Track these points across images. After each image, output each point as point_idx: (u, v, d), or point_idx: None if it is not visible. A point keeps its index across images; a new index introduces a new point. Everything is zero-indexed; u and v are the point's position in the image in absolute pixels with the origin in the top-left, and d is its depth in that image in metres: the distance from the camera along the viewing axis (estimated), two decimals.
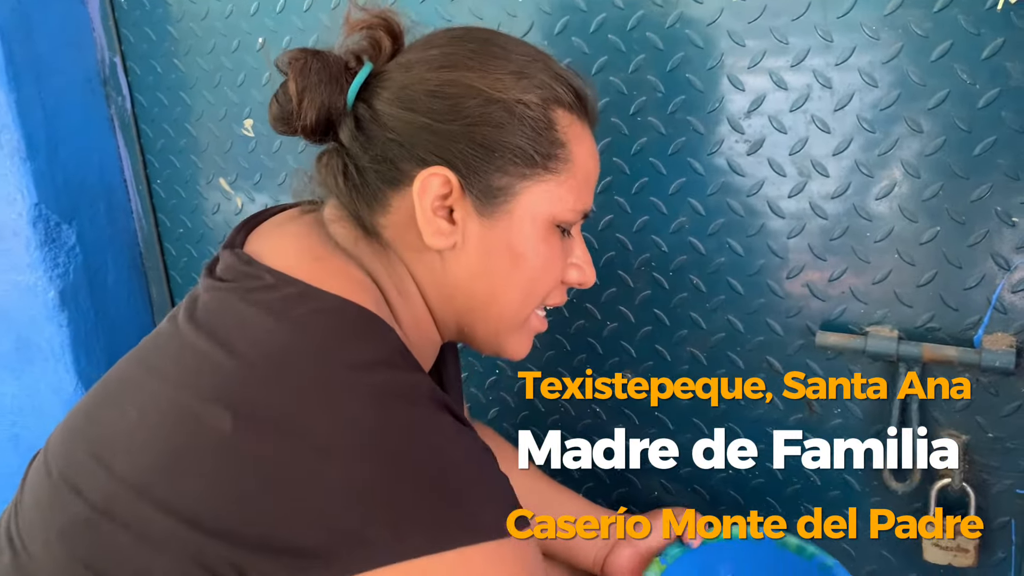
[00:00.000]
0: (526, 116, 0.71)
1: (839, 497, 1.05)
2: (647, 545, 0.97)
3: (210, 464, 0.58)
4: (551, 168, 0.73)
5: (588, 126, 0.78)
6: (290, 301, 0.64)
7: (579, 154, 0.75)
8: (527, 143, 0.71)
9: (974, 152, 0.87)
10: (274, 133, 1.30)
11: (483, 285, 0.74)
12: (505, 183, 0.71)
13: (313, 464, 0.56)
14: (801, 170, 0.96)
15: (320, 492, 0.56)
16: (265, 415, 0.58)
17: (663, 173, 1.03)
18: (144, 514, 0.59)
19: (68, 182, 1.38)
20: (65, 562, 0.63)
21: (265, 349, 0.61)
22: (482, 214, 0.72)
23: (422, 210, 0.70)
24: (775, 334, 1.03)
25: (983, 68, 0.85)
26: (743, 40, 0.95)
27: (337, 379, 0.59)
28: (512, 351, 0.81)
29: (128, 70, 1.43)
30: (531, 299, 0.76)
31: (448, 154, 0.70)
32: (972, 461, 0.96)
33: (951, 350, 0.91)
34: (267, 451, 0.57)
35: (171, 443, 0.60)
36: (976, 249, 0.90)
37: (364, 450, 0.57)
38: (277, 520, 0.56)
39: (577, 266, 0.80)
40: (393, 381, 0.61)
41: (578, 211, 0.76)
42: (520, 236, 0.72)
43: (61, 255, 1.38)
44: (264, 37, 1.27)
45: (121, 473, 0.61)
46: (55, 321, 1.39)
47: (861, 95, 0.91)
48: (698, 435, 1.12)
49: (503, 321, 0.77)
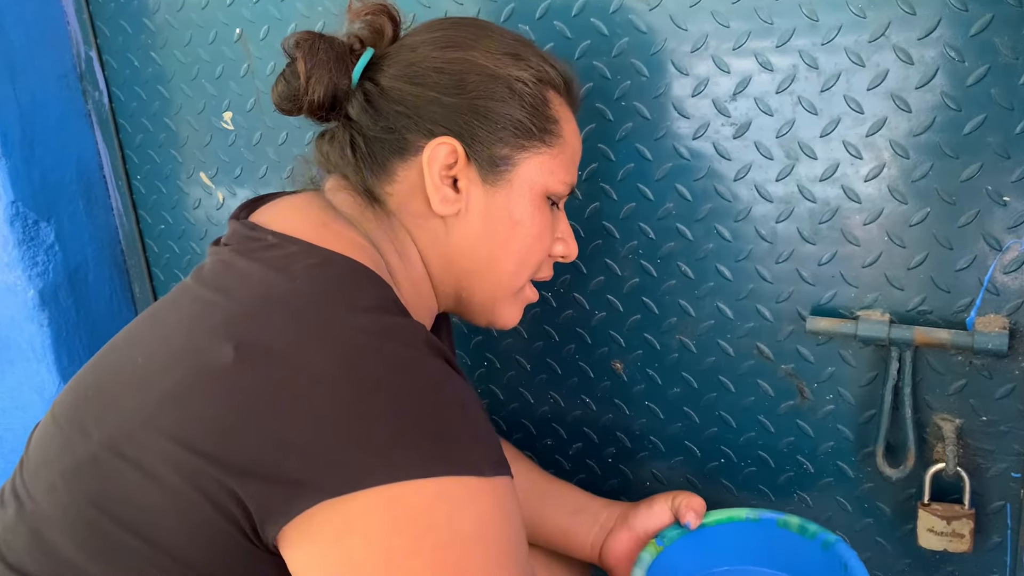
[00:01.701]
0: (524, 92, 0.79)
1: (832, 484, 1.04)
2: (644, 528, 0.97)
3: (211, 393, 0.61)
4: (547, 141, 0.81)
5: (572, 109, 0.86)
6: (291, 257, 0.68)
7: (567, 132, 0.83)
8: (525, 117, 0.78)
9: (964, 131, 0.86)
10: (254, 126, 1.29)
11: (483, 250, 0.80)
12: (506, 153, 0.78)
13: (306, 392, 0.59)
14: (788, 153, 0.94)
15: (312, 418, 0.58)
16: (264, 347, 0.61)
17: (649, 159, 1.02)
18: (149, 444, 0.62)
19: (45, 179, 1.36)
20: (70, 503, 0.65)
21: (266, 294, 0.65)
22: (485, 182, 0.78)
23: (431, 178, 0.76)
24: (765, 320, 1.01)
25: (972, 45, 0.83)
26: (727, 21, 0.93)
27: (334, 318, 0.62)
28: (505, 319, 0.87)
29: (104, 64, 1.41)
30: (525, 267, 0.83)
31: (454, 125, 0.77)
32: (966, 445, 0.95)
33: (943, 333, 0.90)
34: (264, 380, 0.60)
35: (175, 376, 0.63)
36: (967, 230, 0.89)
37: (356, 381, 0.59)
38: (271, 446, 0.58)
39: (562, 239, 0.88)
40: (389, 323, 0.64)
41: (567, 184, 0.84)
42: (519, 204, 0.80)
43: (40, 254, 1.36)
44: (241, 28, 1.25)
45: (128, 409, 0.64)
46: (36, 321, 1.37)
47: (848, 75, 0.89)
48: (689, 424, 1.11)
49: (500, 287, 0.83)
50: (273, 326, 0.62)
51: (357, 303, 0.65)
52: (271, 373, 0.60)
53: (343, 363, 0.60)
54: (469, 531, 0.59)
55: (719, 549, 0.97)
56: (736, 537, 0.96)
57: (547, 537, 1.02)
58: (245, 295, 0.66)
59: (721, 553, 0.97)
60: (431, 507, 0.58)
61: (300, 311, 0.63)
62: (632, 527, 0.97)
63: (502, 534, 0.61)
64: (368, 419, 0.58)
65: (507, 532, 0.62)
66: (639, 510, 0.97)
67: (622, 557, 0.97)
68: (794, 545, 0.93)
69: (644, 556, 0.91)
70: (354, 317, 0.63)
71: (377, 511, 0.57)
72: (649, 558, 0.90)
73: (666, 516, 0.96)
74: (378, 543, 0.57)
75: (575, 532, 1.00)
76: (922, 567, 1.02)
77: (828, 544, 0.90)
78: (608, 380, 1.15)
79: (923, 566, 1.02)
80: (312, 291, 0.65)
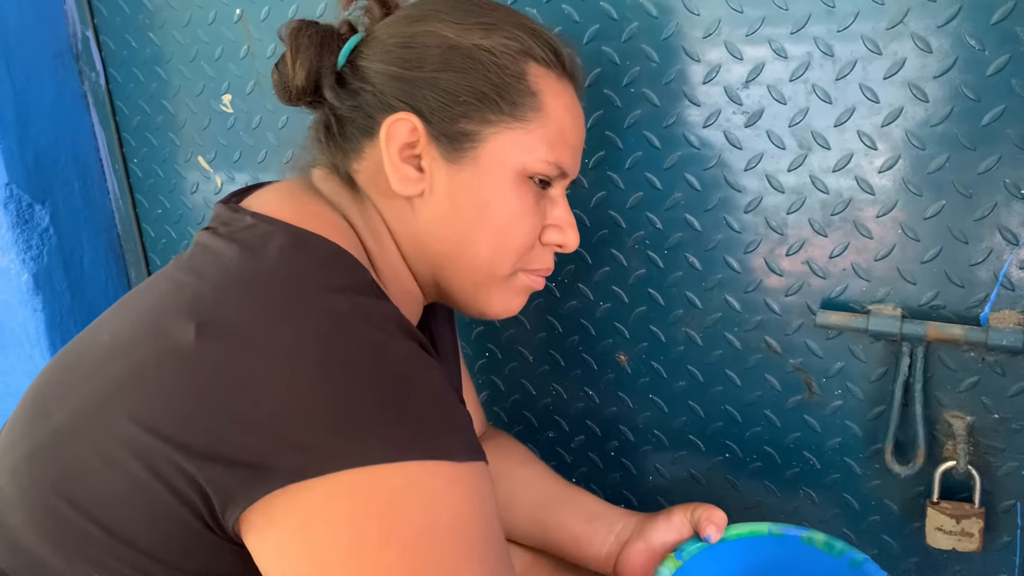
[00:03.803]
0: (491, 63, 0.73)
1: (839, 480, 1.02)
2: (661, 541, 0.92)
3: (173, 373, 0.58)
4: (519, 116, 0.74)
5: (568, 84, 0.80)
6: (266, 237, 0.66)
7: (553, 107, 0.76)
8: (490, 89, 0.73)
9: (982, 122, 0.84)
10: (253, 109, 1.26)
11: (452, 233, 0.75)
12: (471, 129, 0.73)
13: (270, 372, 0.56)
14: (801, 142, 0.92)
15: (275, 399, 0.55)
16: (227, 327, 0.59)
17: (657, 147, 1.00)
18: (108, 426, 0.60)
19: (40, 161, 1.33)
20: (30, 487, 0.63)
21: (236, 274, 0.63)
22: (449, 160, 0.74)
23: (388, 156, 0.73)
24: (774, 313, 1.00)
25: (992, 33, 0.81)
26: (741, 6, 0.91)
27: (303, 297, 0.60)
28: (494, 308, 0.81)
29: (101, 44, 1.38)
30: (503, 253, 0.77)
31: (414, 100, 0.73)
32: (977, 443, 0.94)
33: (956, 329, 0.88)
34: (226, 359, 0.57)
35: (139, 356, 0.61)
36: (983, 223, 0.87)
37: (322, 362, 0.57)
38: (232, 428, 0.56)
39: (557, 227, 0.81)
40: (360, 303, 0.62)
41: (550, 163, 0.76)
42: (487, 183, 0.74)
43: (34, 237, 1.33)
44: (241, 9, 1.22)
45: (90, 390, 0.62)
46: (29, 305, 1.35)
47: (864, 63, 0.87)
48: (694, 418, 1.09)
49: (477, 273, 0.77)
50: (238, 305, 0.60)
51: (328, 283, 0.62)
52: (233, 352, 0.58)
53: (309, 343, 0.57)
54: (444, 521, 0.56)
55: (740, 565, 0.91)
56: (757, 553, 0.91)
57: (559, 545, 0.98)
58: (215, 275, 0.64)
59: (742, 569, 0.92)
60: (402, 494, 0.55)
61: (267, 290, 0.61)
62: (649, 539, 0.92)
63: (479, 523, 0.59)
64: (334, 400, 0.56)
65: (484, 520, 0.59)
66: (657, 522, 0.93)
67: (638, 570, 0.92)
68: (819, 563, 0.88)
69: (663, 571, 0.86)
70: (323, 297, 0.61)
71: (343, 498, 0.55)
72: (668, 573, 0.86)
73: (685, 529, 0.92)
74: (345, 532, 0.55)
75: (589, 541, 0.96)
76: (930, 566, 1.01)
77: (856, 563, 0.84)
78: (612, 372, 1.13)
79: (931, 565, 1.01)
80: (283, 271, 0.63)
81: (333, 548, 0.54)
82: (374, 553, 0.54)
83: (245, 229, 0.69)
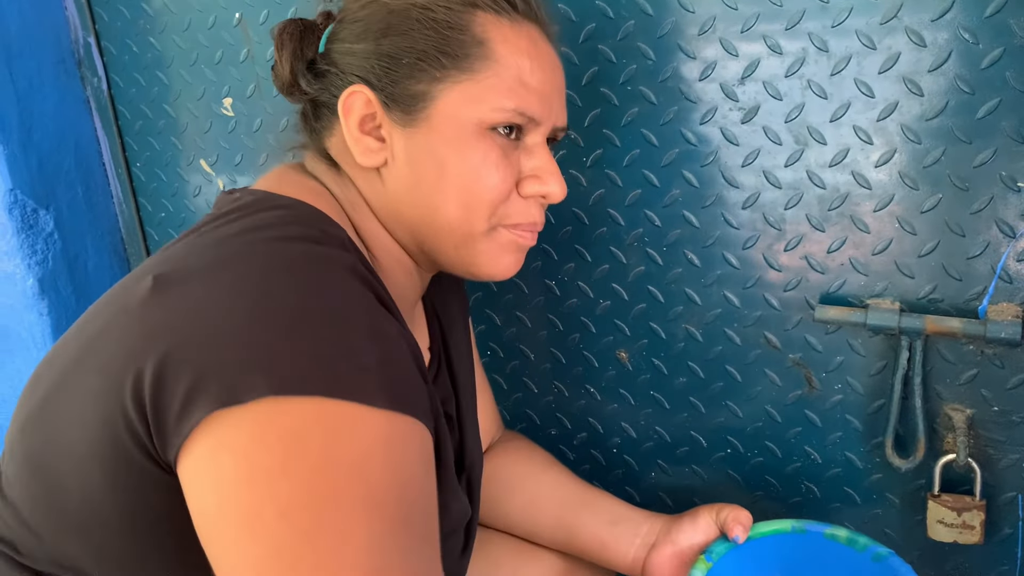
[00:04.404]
0: (427, 19, 0.72)
1: (840, 475, 1.03)
2: (688, 543, 0.92)
3: (127, 322, 0.60)
4: (466, 68, 0.73)
5: (528, 26, 0.77)
6: (248, 205, 0.69)
7: (504, 53, 0.73)
8: (431, 45, 0.72)
9: (977, 115, 0.84)
10: (254, 112, 1.27)
11: (419, 198, 0.74)
12: (421, 90, 0.73)
13: (206, 310, 0.57)
14: (797, 138, 0.92)
15: (207, 334, 0.56)
16: (180, 275, 0.60)
17: (655, 144, 1.00)
18: (78, 381, 0.61)
19: (44, 166, 1.34)
20: (22, 459, 0.64)
21: (205, 234, 0.65)
22: (404, 125, 0.73)
23: (348, 130, 0.74)
24: (773, 309, 1.00)
25: (986, 26, 0.81)
26: (735, 3, 0.91)
27: (254, 246, 0.62)
28: (483, 269, 0.79)
29: (103, 50, 1.39)
30: (474, 209, 0.74)
31: (364, 72, 0.74)
32: (977, 436, 0.94)
33: (955, 322, 0.88)
34: (171, 302, 0.59)
35: (108, 312, 0.63)
36: (980, 216, 0.87)
37: (256, 298, 0.57)
38: (171, 366, 0.55)
39: (535, 177, 0.78)
40: (310, 250, 0.62)
41: (507, 110, 0.73)
42: (442, 142, 0.73)
43: (39, 242, 1.34)
44: (241, 12, 1.23)
45: (71, 351, 0.64)
46: (35, 309, 1.36)
47: (859, 58, 0.87)
48: (695, 414, 1.09)
49: (453, 234, 0.76)
50: (195, 256, 0.62)
51: (284, 234, 0.63)
52: (178, 295, 0.59)
53: (242, 281, 0.58)
54: (346, 461, 0.54)
55: (766, 562, 0.92)
56: (782, 549, 0.92)
57: (584, 548, 0.98)
58: (187, 237, 0.67)
59: (768, 566, 0.92)
60: (306, 427, 0.54)
61: (226, 243, 0.63)
62: (676, 542, 0.93)
63: (387, 474, 0.55)
64: (254, 334, 0.55)
65: (394, 474, 0.56)
66: (683, 524, 0.93)
67: (668, 573, 0.92)
68: (842, 557, 0.89)
69: (695, 574, 0.87)
70: (273, 244, 0.62)
71: (248, 425, 0.54)
72: (700, 575, 0.87)
73: (712, 530, 0.92)
74: (245, 459, 0.53)
75: (614, 545, 0.96)
76: (932, 559, 1.01)
77: (879, 557, 0.85)
78: (613, 369, 1.14)
79: (933, 558, 1.01)
80: (246, 228, 0.64)
81: (231, 476, 0.53)
82: (266, 483, 0.53)
83: (231, 202, 0.71)
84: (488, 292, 1.19)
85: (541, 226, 0.81)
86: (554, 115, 0.78)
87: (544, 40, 0.78)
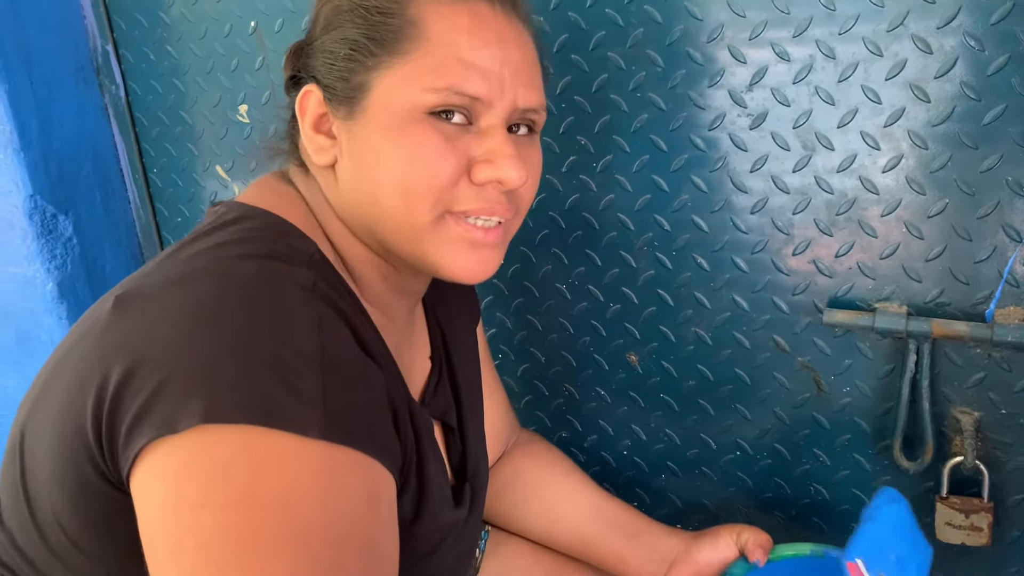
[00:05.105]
0: (357, 8, 0.70)
1: (849, 477, 1.03)
2: (708, 562, 0.93)
3: (88, 344, 0.60)
4: (396, 51, 0.68)
5: (478, 4, 0.70)
6: (222, 220, 0.68)
7: (438, 31, 0.68)
8: (359, 34, 0.69)
9: (984, 121, 0.85)
10: (269, 119, 1.29)
11: (363, 193, 0.71)
12: (360, 80, 0.70)
13: (155, 332, 0.56)
14: (805, 144, 0.93)
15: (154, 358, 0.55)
16: (138, 296, 0.60)
17: (664, 150, 1.01)
18: (45, 404, 0.61)
19: (63, 173, 1.36)
20: (11, 491, 0.64)
21: (175, 255, 0.64)
22: (346, 118, 0.71)
23: (303, 130, 0.73)
24: (781, 312, 1.01)
25: (992, 33, 0.82)
26: (743, 11, 0.92)
27: (208, 267, 0.61)
28: (446, 267, 0.72)
29: (121, 58, 1.41)
30: (414, 199, 0.69)
31: (312, 71, 0.73)
32: (985, 438, 0.94)
33: (962, 325, 0.89)
34: (126, 323, 0.58)
35: (76, 334, 0.63)
36: (986, 221, 0.88)
37: (198, 321, 0.56)
38: (125, 387, 0.55)
39: (487, 161, 0.70)
40: (267, 267, 0.61)
41: (440, 90, 0.67)
42: (377, 130, 0.69)
43: (58, 247, 1.37)
44: (256, 21, 1.25)
45: (41, 377, 0.64)
46: (54, 313, 1.38)
47: (866, 65, 0.88)
48: (704, 417, 1.10)
49: (400, 227, 0.70)
50: (156, 275, 0.61)
51: (247, 251, 0.62)
52: (133, 318, 0.58)
53: (192, 303, 0.57)
54: (270, 495, 0.51)
55: None
56: (800, 573, 0.93)
57: (600, 559, 0.98)
58: (164, 252, 0.67)
59: None
60: (235, 457, 0.52)
61: (187, 262, 0.62)
62: (696, 561, 0.93)
63: (318, 510, 0.52)
64: (201, 359, 0.54)
65: (327, 511, 0.53)
66: (703, 543, 0.94)
67: None
68: None
69: None
70: (231, 263, 0.61)
71: (180, 453, 0.52)
72: None
73: (731, 551, 0.93)
74: (174, 487, 0.52)
75: (632, 559, 0.97)
76: (940, 561, 1.01)
77: None
78: (623, 372, 1.15)
79: (941, 560, 1.01)
80: (212, 243, 0.64)
81: (159, 503, 0.53)
82: (189, 512, 0.51)
83: (211, 216, 0.71)
84: (499, 295, 1.21)
85: (506, 217, 0.74)
86: (509, 93, 0.70)
87: (496, 15, 0.71)
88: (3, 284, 1.39)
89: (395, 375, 0.71)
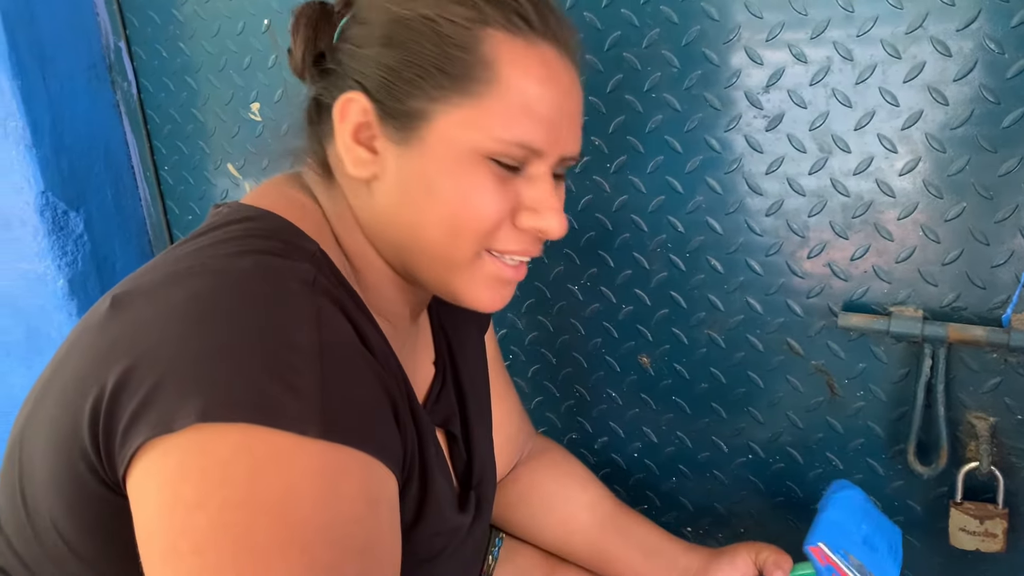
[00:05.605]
0: (432, 33, 0.66)
1: (862, 481, 1.03)
2: None
3: (84, 346, 0.59)
4: (468, 91, 0.66)
5: (545, 47, 0.69)
6: (222, 220, 0.67)
7: (512, 77, 0.67)
8: (432, 62, 0.66)
9: (1002, 124, 0.84)
10: (281, 117, 1.29)
11: (404, 218, 0.70)
12: (418, 107, 0.67)
13: (152, 329, 0.55)
14: (822, 146, 0.93)
15: (150, 356, 0.54)
16: (135, 295, 0.59)
17: (679, 151, 1.01)
18: (43, 407, 0.60)
19: (75, 169, 1.36)
20: (8, 495, 0.63)
21: (172, 253, 0.64)
22: (398, 142, 0.68)
23: (341, 138, 0.70)
24: (795, 315, 1.00)
25: (1012, 36, 0.82)
26: (760, 12, 0.92)
27: (205, 264, 0.59)
28: (469, 298, 0.73)
29: (133, 55, 1.41)
30: (460, 238, 0.69)
31: (363, 78, 0.69)
32: (1000, 444, 0.94)
33: (978, 330, 0.88)
34: (123, 323, 0.57)
35: (74, 335, 0.63)
36: (1004, 225, 0.87)
37: (195, 318, 0.55)
38: (123, 386, 0.54)
39: (532, 210, 0.71)
40: (264, 264, 0.60)
41: (507, 142, 0.67)
42: (433, 165, 0.67)
43: (69, 243, 1.37)
44: (269, 18, 1.25)
45: (42, 379, 0.63)
46: (65, 310, 1.38)
47: (884, 67, 0.88)
48: (716, 420, 1.10)
49: (436, 261, 0.71)
50: (152, 274, 0.60)
51: (243, 248, 0.61)
52: (131, 314, 0.57)
53: (190, 300, 0.56)
54: (269, 496, 0.50)
55: None
56: None
57: (617, 574, 0.98)
58: (157, 256, 0.66)
59: None
60: (231, 458, 0.51)
61: (185, 260, 0.60)
62: None
63: (318, 512, 0.51)
64: (196, 356, 0.53)
65: (328, 516, 0.52)
66: (721, 562, 0.92)
67: None
68: None
69: None
70: (229, 260, 0.59)
71: (177, 453, 0.51)
72: None
73: (750, 570, 0.92)
74: (169, 488, 0.51)
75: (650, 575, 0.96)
76: (954, 566, 1.01)
77: None
78: (635, 374, 1.14)
79: (955, 565, 1.01)
80: (208, 241, 0.62)
81: (154, 505, 0.52)
82: (185, 513, 0.50)
83: (212, 216, 0.70)
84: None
85: (536, 254, 0.75)
86: (561, 144, 0.71)
87: (561, 60, 0.70)
88: (14, 280, 1.39)
89: (398, 372, 0.70)
